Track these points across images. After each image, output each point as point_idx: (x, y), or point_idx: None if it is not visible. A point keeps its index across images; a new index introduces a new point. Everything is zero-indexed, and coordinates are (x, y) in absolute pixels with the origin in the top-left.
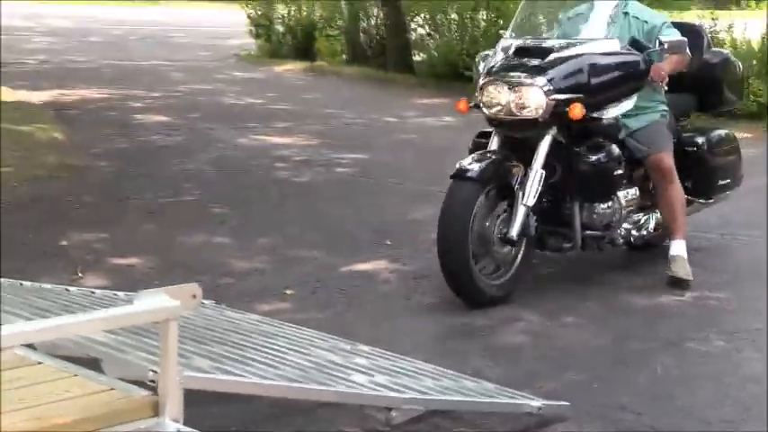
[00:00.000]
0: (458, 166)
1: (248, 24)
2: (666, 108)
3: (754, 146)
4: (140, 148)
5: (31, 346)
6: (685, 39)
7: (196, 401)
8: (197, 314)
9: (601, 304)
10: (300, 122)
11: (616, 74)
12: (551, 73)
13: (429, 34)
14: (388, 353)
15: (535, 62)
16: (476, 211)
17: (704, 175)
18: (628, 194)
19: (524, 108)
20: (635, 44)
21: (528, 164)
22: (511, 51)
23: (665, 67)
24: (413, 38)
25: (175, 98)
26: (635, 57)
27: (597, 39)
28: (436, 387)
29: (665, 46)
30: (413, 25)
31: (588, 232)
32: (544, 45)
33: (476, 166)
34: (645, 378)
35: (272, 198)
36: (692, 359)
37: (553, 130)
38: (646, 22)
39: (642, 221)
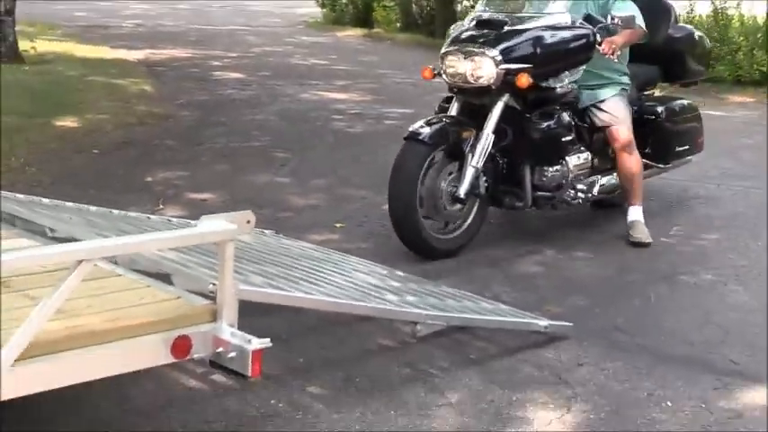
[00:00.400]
0: (410, 128)
1: None
2: (628, 81)
3: (755, 109)
4: (217, 101)
5: (114, 262)
6: (634, 14)
7: (249, 312)
8: (257, 240)
9: (604, 244)
10: (356, 81)
11: (564, 46)
12: (503, 44)
13: (472, 6)
14: (419, 277)
15: (491, 34)
16: (425, 170)
17: (662, 141)
18: (579, 159)
19: (478, 77)
20: (588, 19)
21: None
22: (473, 23)
23: (618, 40)
24: (459, 9)
25: (249, 58)
26: (584, 30)
27: (551, 13)
28: (457, 307)
29: (616, 20)
30: None
31: (539, 193)
32: (502, 18)
33: (426, 129)
34: (639, 305)
35: (328, 145)
36: (682, 290)
37: (506, 97)
38: None
39: (597, 183)
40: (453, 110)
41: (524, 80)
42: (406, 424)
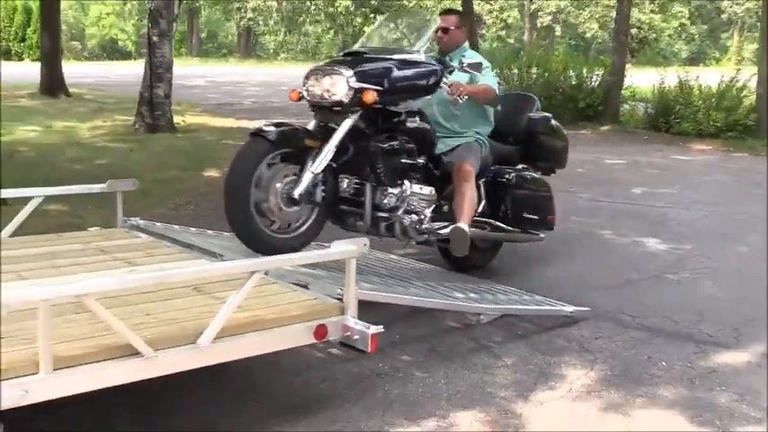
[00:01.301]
0: (258, 125)
1: None
2: (483, 138)
3: (712, 154)
4: None
5: (266, 274)
6: (481, 62)
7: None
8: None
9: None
10: None
11: (412, 76)
12: (358, 68)
13: (500, 83)
14: (474, 278)
15: (350, 60)
16: (264, 169)
17: (511, 204)
18: (421, 188)
19: (332, 94)
20: (440, 61)
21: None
22: (340, 54)
23: (468, 87)
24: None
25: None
26: (432, 67)
27: (409, 51)
28: (505, 299)
29: (465, 64)
30: None
31: (378, 213)
32: (365, 50)
33: (272, 129)
34: (636, 295)
35: None
36: (668, 285)
37: (355, 116)
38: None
39: (432, 219)
40: (309, 126)
41: (370, 96)
42: (476, 379)
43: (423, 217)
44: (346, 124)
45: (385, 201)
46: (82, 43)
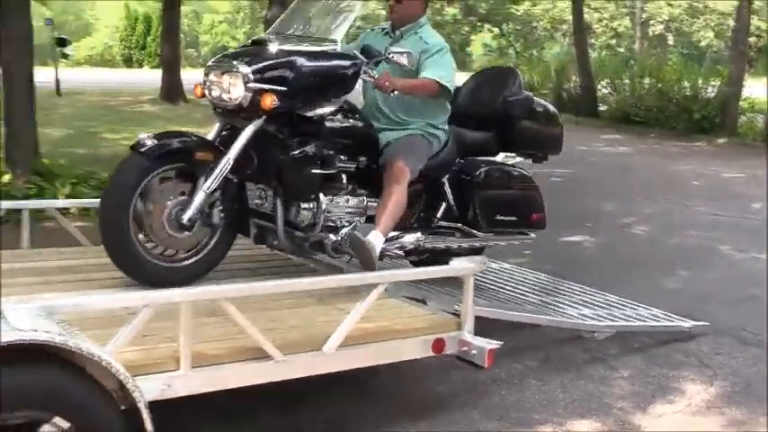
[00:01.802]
0: (138, 136)
1: None
2: (435, 130)
3: None
4: None
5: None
6: (409, 51)
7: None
8: None
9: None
10: None
11: (321, 73)
12: (259, 63)
13: (611, 93)
14: (589, 288)
15: (252, 52)
16: (148, 188)
17: (476, 204)
18: (348, 201)
19: (230, 95)
20: (365, 50)
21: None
22: (249, 42)
23: (398, 81)
24: (599, 94)
25: None
26: (347, 61)
27: (325, 39)
28: (621, 315)
29: (392, 55)
30: (598, 86)
31: (296, 232)
32: (272, 38)
33: (152, 143)
34: (758, 311)
35: None
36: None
37: (259, 121)
38: (426, 43)
39: (400, 239)
40: (212, 133)
41: (268, 101)
42: (593, 389)
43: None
44: (246, 133)
45: (298, 218)
46: (197, 50)
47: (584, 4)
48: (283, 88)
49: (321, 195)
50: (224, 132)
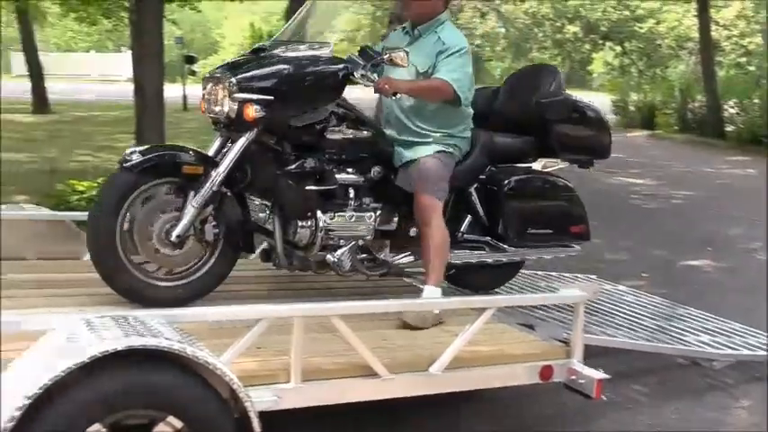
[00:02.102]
0: (126, 152)
1: (610, 105)
2: (452, 142)
3: None
4: None
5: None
6: (405, 50)
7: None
8: None
9: None
10: (646, 169)
11: (305, 82)
12: (245, 72)
13: (738, 113)
14: (708, 314)
15: (243, 60)
16: (137, 204)
17: (504, 217)
18: (351, 219)
19: (221, 106)
20: (363, 52)
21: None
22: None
23: (401, 84)
24: (725, 114)
25: None
26: (329, 68)
27: (314, 44)
28: (743, 343)
29: (387, 55)
30: (725, 106)
31: (296, 251)
32: (270, 47)
33: (138, 157)
34: None
35: (630, 217)
36: None
37: (251, 134)
38: (443, 42)
39: (396, 246)
40: (213, 147)
41: (250, 112)
42: (711, 417)
43: (349, 252)
44: (237, 146)
45: (296, 236)
46: None
47: (712, 21)
48: (270, 98)
49: (319, 213)
50: (225, 148)
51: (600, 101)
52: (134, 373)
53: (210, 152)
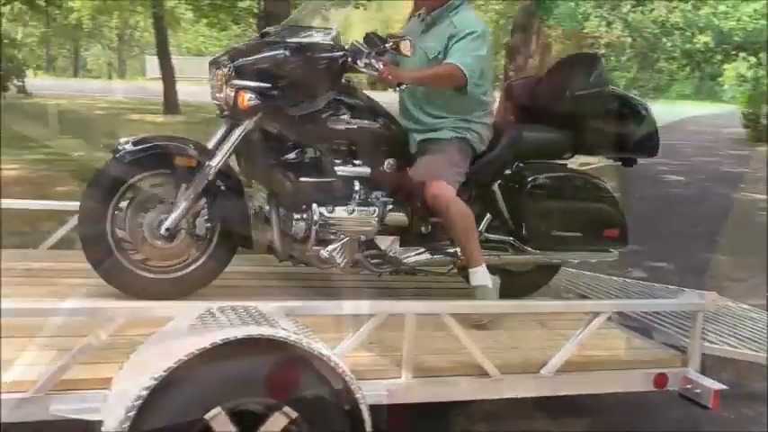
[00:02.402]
0: (119, 140)
1: (741, 119)
2: (468, 127)
3: None
4: (666, 197)
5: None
6: (408, 38)
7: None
8: None
9: None
10: None
11: (301, 70)
12: (243, 58)
13: None
14: None
15: (244, 46)
16: (123, 196)
17: (525, 217)
18: (352, 213)
19: (219, 93)
20: (367, 40)
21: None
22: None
23: (405, 72)
24: None
25: (689, 165)
26: (327, 56)
27: (315, 28)
28: None
29: (390, 43)
30: None
31: (293, 244)
32: (274, 32)
33: (129, 147)
34: None
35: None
36: None
37: (249, 123)
38: (455, 27)
39: (406, 242)
40: (215, 137)
41: (242, 100)
42: None
43: (346, 248)
44: (233, 136)
45: (292, 229)
46: None
47: None
48: (266, 85)
49: (314, 206)
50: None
51: (731, 113)
52: (253, 360)
53: (214, 141)
